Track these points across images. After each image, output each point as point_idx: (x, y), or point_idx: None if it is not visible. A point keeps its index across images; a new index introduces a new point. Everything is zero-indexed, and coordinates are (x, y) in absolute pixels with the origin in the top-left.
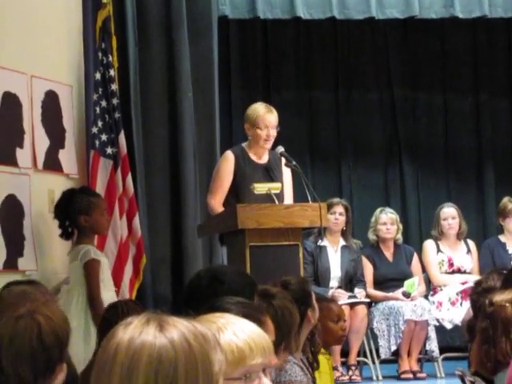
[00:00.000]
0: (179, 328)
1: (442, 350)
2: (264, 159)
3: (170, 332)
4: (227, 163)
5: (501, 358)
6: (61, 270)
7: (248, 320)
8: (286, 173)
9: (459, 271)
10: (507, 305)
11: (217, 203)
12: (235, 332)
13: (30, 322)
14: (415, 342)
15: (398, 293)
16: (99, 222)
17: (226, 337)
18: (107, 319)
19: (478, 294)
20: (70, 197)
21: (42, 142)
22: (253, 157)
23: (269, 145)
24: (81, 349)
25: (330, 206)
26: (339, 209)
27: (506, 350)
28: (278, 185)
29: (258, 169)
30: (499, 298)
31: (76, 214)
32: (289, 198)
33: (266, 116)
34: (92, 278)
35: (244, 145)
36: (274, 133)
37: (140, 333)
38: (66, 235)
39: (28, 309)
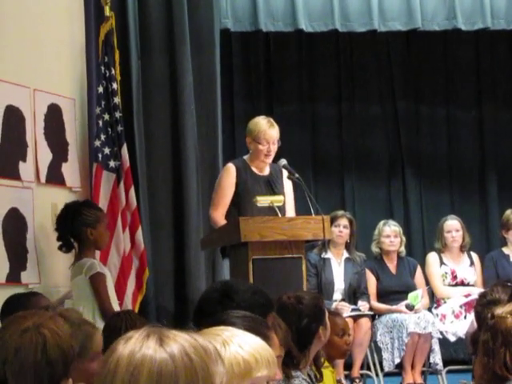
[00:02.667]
0: (179, 342)
1: (445, 363)
2: (265, 172)
3: (170, 346)
4: (229, 176)
5: (498, 370)
6: (63, 284)
7: (253, 334)
8: (288, 185)
9: (462, 284)
10: (508, 316)
11: (219, 215)
12: (240, 345)
13: (35, 335)
14: (419, 355)
15: (402, 305)
16: (103, 236)
17: (231, 349)
18: (113, 327)
19: (482, 306)
20: (76, 209)
21: (45, 156)
22: (254, 169)
23: (269, 159)
24: None
25: (334, 219)
26: (343, 221)
27: (504, 362)
28: (281, 197)
29: (260, 181)
30: (500, 310)
31: (83, 226)
32: (291, 211)
33: (267, 131)
34: (101, 291)
35: (245, 157)
36: (274, 148)
37: (140, 347)
38: (67, 247)
39: (34, 322)
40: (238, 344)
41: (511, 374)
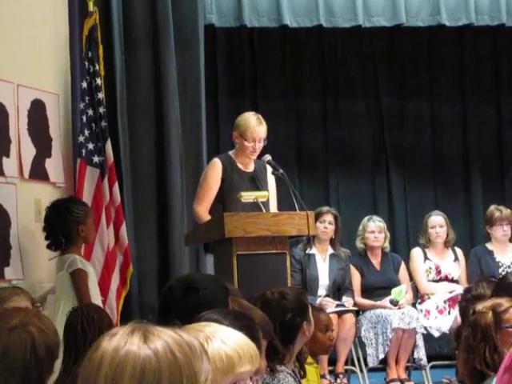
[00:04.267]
0: (164, 338)
1: (429, 358)
2: (250, 168)
3: (155, 343)
4: (215, 170)
5: (478, 366)
6: (47, 279)
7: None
8: (271, 181)
9: (446, 279)
10: (488, 311)
11: (203, 210)
12: (223, 340)
13: (23, 334)
14: (403, 350)
15: (386, 301)
16: (92, 231)
17: (214, 345)
18: (70, 323)
19: (466, 302)
20: (66, 207)
21: (29, 151)
22: (240, 165)
23: (254, 156)
24: None
25: (319, 215)
26: (328, 217)
27: (483, 358)
28: (265, 193)
29: (245, 177)
30: (481, 305)
31: (74, 224)
32: (273, 207)
33: (255, 129)
34: (81, 287)
35: (231, 153)
36: (260, 146)
37: (125, 343)
38: (56, 246)
39: (21, 320)
40: (220, 339)
41: (491, 369)
